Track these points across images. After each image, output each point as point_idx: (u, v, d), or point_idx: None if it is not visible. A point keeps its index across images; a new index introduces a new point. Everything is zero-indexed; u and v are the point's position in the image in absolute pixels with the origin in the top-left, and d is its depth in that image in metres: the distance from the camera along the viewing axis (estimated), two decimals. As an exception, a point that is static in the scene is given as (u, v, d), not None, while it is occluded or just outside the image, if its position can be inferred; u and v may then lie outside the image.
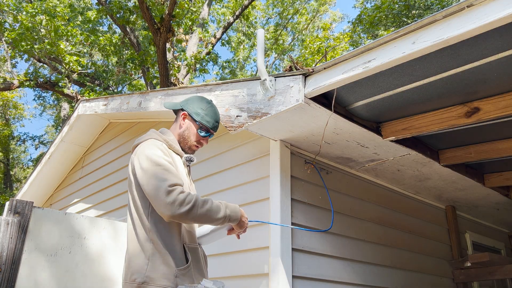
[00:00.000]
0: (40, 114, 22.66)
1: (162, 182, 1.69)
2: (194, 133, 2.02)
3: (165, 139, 1.96)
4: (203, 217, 1.72)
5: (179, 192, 1.68)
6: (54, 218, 2.55)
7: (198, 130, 2.02)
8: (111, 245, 2.80)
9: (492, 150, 2.90)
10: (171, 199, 1.65)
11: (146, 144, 1.88)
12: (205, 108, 2.04)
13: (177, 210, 1.65)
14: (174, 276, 1.72)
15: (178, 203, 1.65)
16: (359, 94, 2.36)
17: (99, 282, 2.68)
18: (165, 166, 1.76)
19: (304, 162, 2.94)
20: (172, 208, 1.65)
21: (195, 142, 2.04)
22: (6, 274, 2.14)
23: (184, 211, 1.66)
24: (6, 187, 19.22)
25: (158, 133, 1.99)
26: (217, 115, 2.09)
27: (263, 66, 2.44)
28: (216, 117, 2.07)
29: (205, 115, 2.02)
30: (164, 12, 8.79)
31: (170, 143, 1.96)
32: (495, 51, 1.89)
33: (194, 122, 2.02)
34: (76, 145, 5.33)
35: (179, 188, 1.70)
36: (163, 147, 1.88)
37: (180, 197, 1.67)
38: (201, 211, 1.71)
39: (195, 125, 2.02)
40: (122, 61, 13.00)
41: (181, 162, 1.99)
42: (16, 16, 11.03)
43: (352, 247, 3.05)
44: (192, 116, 2.02)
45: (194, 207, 1.68)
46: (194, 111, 2.02)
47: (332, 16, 22.15)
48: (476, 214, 4.62)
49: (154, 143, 1.88)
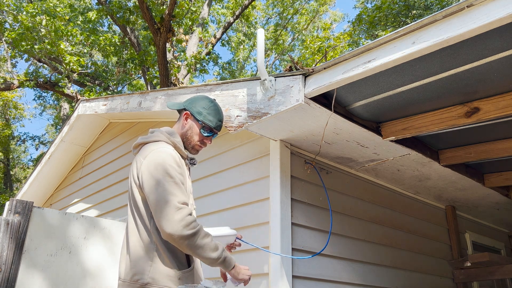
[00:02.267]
0: (40, 114, 22.68)
1: (171, 196, 1.65)
2: (197, 133, 1.98)
3: (173, 141, 1.90)
4: (200, 248, 1.66)
5: (187, 213, 1.64)
6: (54, 218, 2.55)
7: (201, 130, 1.98)
8: (111, 245, 2.80)
9: (492, 150, 2.90)
10: (179, 217, 1.61)
11: (160, 151, 1.80)
12: (208, 107, 2.00)
13: (181, 231, 1.60)
14: (177, 278, 1.72)
15: (184, 224, 1.61)
16: (359, 94, 2.36)
17: (99, 282, 2.68)
18: (176, 180, 1.72)
19: (304, 162, 2.94)
20: (176, 227, 1.60)
21: (199, 142, 2.00)
22: (6, 274, 2.14)
23: (187, 234, 1.61)
24: (6, 187, 19.22)
25: (166, 135, 1.92)
26: (220, 114, 2.04)
27: (263, 66, 2.44)
28: (219, 116, 2.02)
29: (208, 114, 1.98)
30: (164, 12, 8.79)
31: (178, 145, 1.91)
32: (495, 51, 1.89)
33: (196, 121, 1.98)
34: (76, 145, 5.33)
35: (188, 209, 1.67)
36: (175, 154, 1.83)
37: (188, 218, 1.63)
38: (201, 242, 1.65)
39: (197, 124, 1.98)
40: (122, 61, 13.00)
41: (185, 164, 1.97)
42: (16, 16, 11.04)
43: (352, 247, 3.05)
44: (194, 115, 1.98)
45: (196, 234, 1.64)
46: (196, 111, 1.98)
47: (333, 16, 22.16)
48: (476, 214, 4.62)
49: (169, 151, 1.82)
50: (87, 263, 2.65)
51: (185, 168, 1.92)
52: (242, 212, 2.87)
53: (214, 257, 1.70)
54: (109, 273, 2.75)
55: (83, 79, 13.67)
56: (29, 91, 38.24)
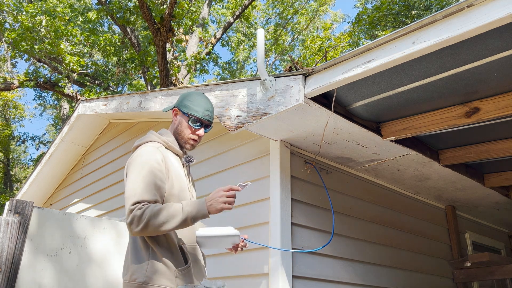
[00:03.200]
0: (40, 114, 22.68)
1: (129, 198, 1.70)
2: (186, 126, 1.99)
3: (164, 140, 1.94)
4: (161, 225, 1.66)
5: (137, 209, 1.66)
6: (54, 218, 2.55)
7: (189, 122, 1.98)
8: (111, 246, 2.80)
9: (492, 150, 2.90)
10: (130, 219, 1.66)
11: (140, 149, 1.86)
12: (193, 99, 2.01)
13: (135, 228, 1.65)
14: (174, 276, 1.72)
15: (135, 221, 1.65)
16: (359, 94, 2.36)
17: (99, 283, 2.68)
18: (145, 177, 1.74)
19: (304, 162, 2.94)
20: (130, 227, 1.66)
21: (190, 135, 2.00)
22: (6, 274, 2.14)
23: (140, 228, 1.64)
24: (6, 187, 19.22)
25: (157, 135, 1.97)
26: (207, 104, 2.02)
27: (263, 66, 2.44)
28: (205, 106, 2.00)
29: (193, 105, 1.98)
30: (164, 12, 8.79)
31: (169, 144, 1.95)
32: (495, 51, 1.89)
33: (184, 115, 2.00)
34: (76, 145, 5.33)
35: (138, 205, 1.68)
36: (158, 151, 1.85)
37: (136, 213, 1.65)
38: (156, 221, 1.65)
39: (185, 117, 1.99)
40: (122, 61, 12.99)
41: (180, 162, 1.98)
42: (16, 16, 11.03)
43: (352, 247, 3.05)
44: (181, 110, 2.00)
45: (150, 220, 1.65)
46: (182, 105, 2.00)
47: (333, 17, 22.15)
48: (476, 214, 4.62)
49: (148, 148, 1.85)
50: (87, 263, 2.66)
51: (178, 165, 1.93)
52: (242, 212, 2.87)
53: (179, 220, 1.69)
54: (110, 274, 2.76)
55: (83, 79, 13.67)
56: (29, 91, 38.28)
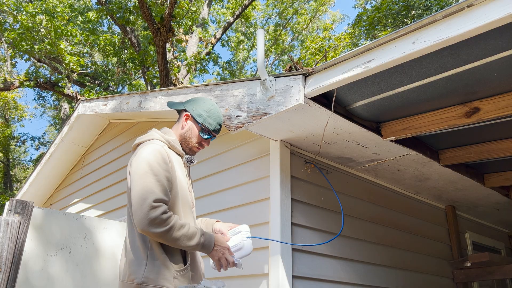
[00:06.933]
0: (40, 115, 22.68)
1: (149, 193, 1.67)
2: (196, 135, 2.00)
3: (167, 139, 1.94)
4: (177, 240, 1.70)
5: (162, 212, 1.66)
6: (54, 218, 2.55)
7: (200, 132, 2.00)
8: (111, 246, 2.80)
9: (492, 150, 2.90)
10: (153, 215, 1.64)
11: (147, 147, 1.83)
12: (208, 110, 2.01)
13: (154, 229, 1.64)
14: (172, 277, 1.72)
15: (157, 222, 1.64)
16: (359, 94, 2.36)
17: (99, 282, 2.68)
18: (159, 177, 1.73)
19: (304, 162, 2.94)
20: (149, 225, 1.63)
21: (196, 144, 2.02)
22: (6, 274, 2.14)
23: (159, 232, 1.65)
24: (6, 187, 19.22)
25: (160, 133, 1.96)
26: (220, 117, 2.06)
27: (263, 66, 2.44)
28: (219, 120, 2.04)
29: (208, 117, 2.00)
30: (164, 12, 8.79)
31: (172, 143, 1.95)
32: (495, 51, 1.89)
33: (196, 123, 2.00)
34: (76, 145, 5.33)
35: (164, 207, 1.69)
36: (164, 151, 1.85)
37: (162, 217, 1.65)
38: (176, 234, 1.69)
39: (197, 126, 2.00)
40: (122, 61, 12.99)
41: (181, 162, 1.98)
42: (16, 16, 11.03)
43: (352, 247, 3.05)
44: (194, 117, 2.00)
45: (170, 230, 1.67)
46: (197, 113, 2.00)
47: (332, 17, 22.15)
48: (476, 214, 4.62)
49: (156, 147, 1.83)
50: (87, 263, 2.65)
51: (179, 166, 1.93)
52: (242, 212, 2.87)
53: (191, 245, 1.75)
54: (110, 274, 2.76)
55: (83, 79, 13.67)
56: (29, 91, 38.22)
